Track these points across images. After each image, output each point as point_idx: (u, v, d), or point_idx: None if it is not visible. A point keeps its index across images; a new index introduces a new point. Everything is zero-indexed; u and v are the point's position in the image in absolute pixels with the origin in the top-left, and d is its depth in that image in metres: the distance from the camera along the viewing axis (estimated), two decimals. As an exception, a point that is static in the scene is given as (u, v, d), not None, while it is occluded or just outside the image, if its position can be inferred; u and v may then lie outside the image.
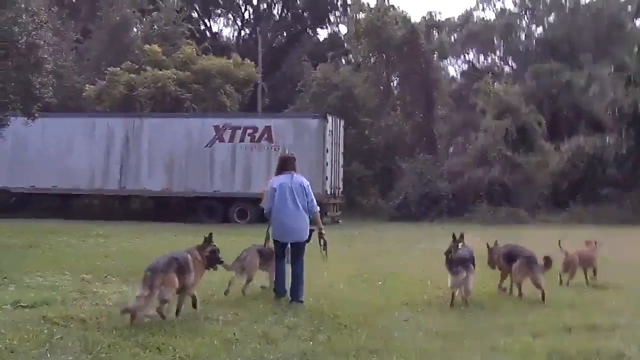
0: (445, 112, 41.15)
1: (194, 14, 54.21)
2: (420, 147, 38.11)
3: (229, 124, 31.22)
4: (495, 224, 30.12)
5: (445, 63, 54.11)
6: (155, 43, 39.29)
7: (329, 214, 31.11)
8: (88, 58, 42.55)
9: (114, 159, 31.75)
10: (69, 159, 31.73)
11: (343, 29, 58.58)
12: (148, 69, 36.30)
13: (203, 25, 56.93)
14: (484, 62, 58.45)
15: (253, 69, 39.74)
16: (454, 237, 10.78)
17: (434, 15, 49.90)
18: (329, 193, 30.78)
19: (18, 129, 30.18)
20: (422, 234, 25.27)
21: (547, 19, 56.51)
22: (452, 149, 39.24)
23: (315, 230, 10.49)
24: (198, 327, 8.20)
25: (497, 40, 56.88)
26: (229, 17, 60.34)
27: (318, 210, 10.54)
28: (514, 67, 56.15)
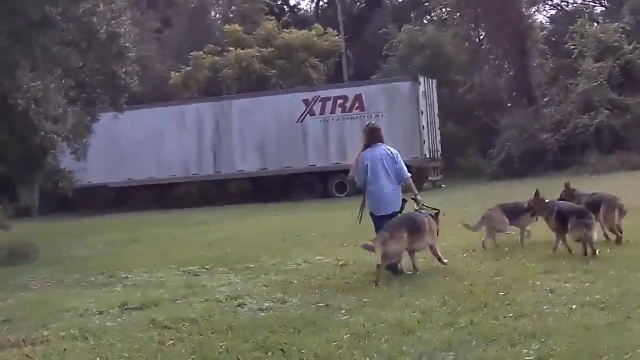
0: (541, 60, 39.05)
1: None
2: (518, 99, 36.31)
3: (319, 96, 30.40)
4: (609, 173, 28.43)
5: (532, 10, 51.60)
6: (235, 23, 38.70)
7: (430, 178, 30.15)
8: (170, 46, 42.39)
9: (207, 144, 31.42)
10: (163, 149, 31.59)
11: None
12: (231, 50, 35.75)
13: (281, 1, 56.04)
14: (574, 3, 55.70)
15: (336, 38, 38.68)
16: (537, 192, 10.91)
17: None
18: (428, 157, 29.72)
19: (109, 124, 30.58)
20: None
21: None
22: (552, 98, 37.13)
23: (409, 200, 10.36)
24: (320, 319, 7.35)
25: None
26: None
27: (410, 176, 10.42)
28: (607, 5, 53.21)
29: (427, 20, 47.97)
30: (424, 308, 7.34)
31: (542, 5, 54.19)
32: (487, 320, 6.67)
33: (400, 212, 10.22)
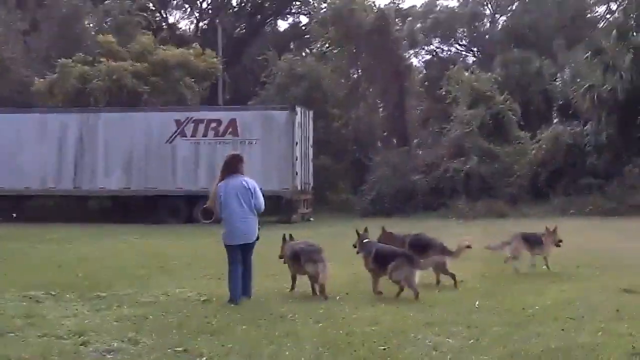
0: (416, 102, 39.49)
1: (150, 5, 51.69)
2: (392, 139, 36.46)
3: (191, 118, 29.31)
4: (475, 219, 28.71)
5: (410, 52, 52.51)
6: (109, 34, 36.98)
7: (300, 211, 29.53)
8: (37, 50, 40.06)
9: (68, 158, 29.65)
10: (20, 158, 29.56)
11: (304, 19, 56.87)
12: (102, 61, 34.04)
13: (159, 17, 54.42)
14: (448, 51, 57.24)
15: (215, 60, 37.66)
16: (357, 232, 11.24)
17: (397, 3, 48.11)
18: (300, 189, 29.10)
19: None
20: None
21: (512, 7, 55.36)
22: (424, 141, 37.56)
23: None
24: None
25: (461, 30, 55.63)
26: (186, 7, 57.89)
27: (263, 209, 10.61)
28: (479, 56, 54.90)
29: (306, 53, 47.76)
30: (296, 361, 6.49)
31: (418, 50, 55.43)
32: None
33: (257, 240, 10.42)
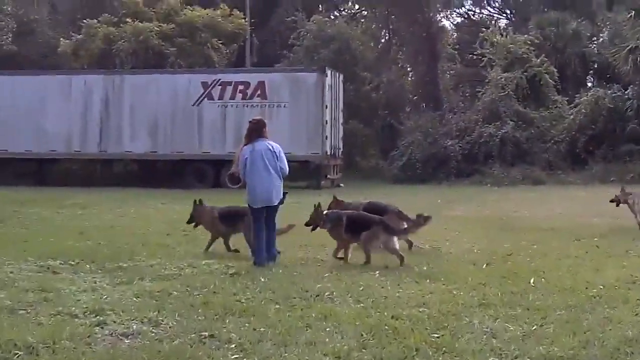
0: (449, 65, 38.27)
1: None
2: (425, 103, 35.39)
3: (219, 80, 28.50)
4: (510, 186, 27.80)
5: (441, 15, 51.10)
6: (135, -6, 36.11)
7: (329, 177, 28.78)
8: (62, 12, 39.37)
9: (93, 121, 29.04)
10: (44, 121, 28.98)
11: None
12: (128, 22, 33.22)
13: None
14: (480, 13, 55.61)
15: (242, 21, 36.67)
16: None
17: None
18: (329, 154, 28.27)
19: None
20: (441, 198, 22.62)
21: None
22: (457, 105, 36.40)
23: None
24: (202, 358, 5.63)
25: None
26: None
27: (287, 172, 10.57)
28: (512, 19, 53.27)
29: (334, 16, 46.59)
30: (338, 350, 5.68)
31: (449, 12, 53.95)
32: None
33: (281, 203, 10.42)
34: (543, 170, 29.66)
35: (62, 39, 34.25)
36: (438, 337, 6.00)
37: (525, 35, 35.26)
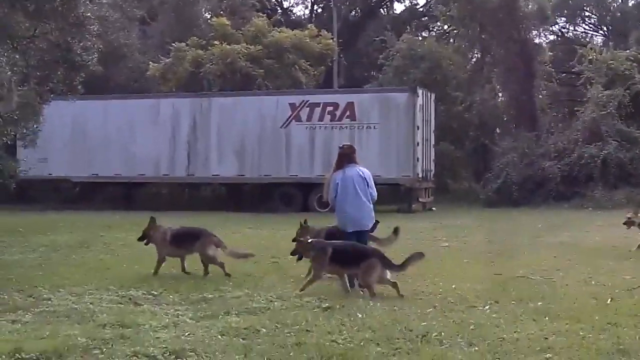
0: (546, 83, 36.69)
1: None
2: (520, 122, 33.94)
3: (307, 101, 27.91)
4: (614, 209, 26.13)
5: (535, 32, 49.54)
6: (223, 16, 36.05)
7: (421, 200, 27.78)
8: (153, 37, 39.69)
9: (181, 144, 28.90)
10: (133, 145, 29.02)
11: (421, 1, 54.74)
12: (216, 44, 33.08)
13: (274, 1, 53.37)
14: (574, 31, 53.70)
15: (330, 41, 36.11)
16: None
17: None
18: (421, 176, 27.25)
19: (77, 112, 28.31)
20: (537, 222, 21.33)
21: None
22: (555, 125, 34.79)
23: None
24: None
25: (589, 7, 51.98)
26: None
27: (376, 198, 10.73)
28: (609, 35, 51.20)
29: (423, 37, 45.69)
30: None
31: (542, 30, 52.31)
32: None
33: (372, 232, 10.82)
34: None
35: (150, 63, 34.36)
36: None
37: (628, 51, 33.51)
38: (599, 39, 51.38)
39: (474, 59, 38.82)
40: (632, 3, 51.10)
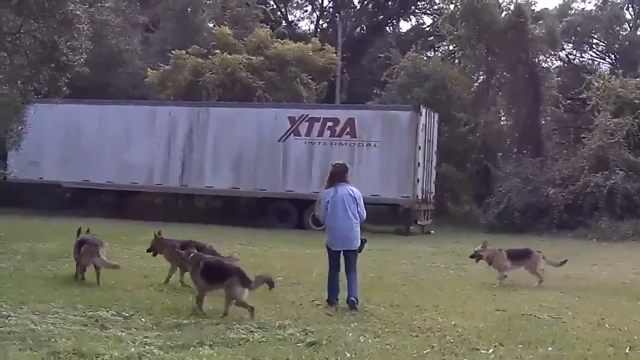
0: (552, 109, 35.92)
1: (270, 1, 50.13)
2: (524, 147, 33.15)
3: (306, 116, 27.13)
4: (619, 241, 25.30)
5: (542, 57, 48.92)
6: (226, 26, 35.34)
7: (419, 222, 26.95)
8: (154, 43, 39.03)
9: (176, 153, 28.13)
10: (127, 152, 28.25)
11: (428, 20, 54.16)
12: (217, 53, 32.35)
13: (280, 14, 52.77)
14: (581, 57, 53.07)
15: (334, 55, 35.39)
16: None
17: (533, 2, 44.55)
18: (420, 198, 26.42)
19: (71, 116, 27.60)
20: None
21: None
22: (559, 151, 33.97)
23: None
24: None
25: (597, 34, 51.38)
26: (307, 6, 56.12)
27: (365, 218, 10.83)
28: (616, 63, 50.55)
29: (428, 56, 44.99)
30: None
31: (549, 56, 51.70)
32: None
33: (360, 251, 10.69)
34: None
35: (149, 69, 33.64)
36: None
37: (637, 79, 32.76)
38: (606, 67, 50.83)
39: (479, 81, 38.03)
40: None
